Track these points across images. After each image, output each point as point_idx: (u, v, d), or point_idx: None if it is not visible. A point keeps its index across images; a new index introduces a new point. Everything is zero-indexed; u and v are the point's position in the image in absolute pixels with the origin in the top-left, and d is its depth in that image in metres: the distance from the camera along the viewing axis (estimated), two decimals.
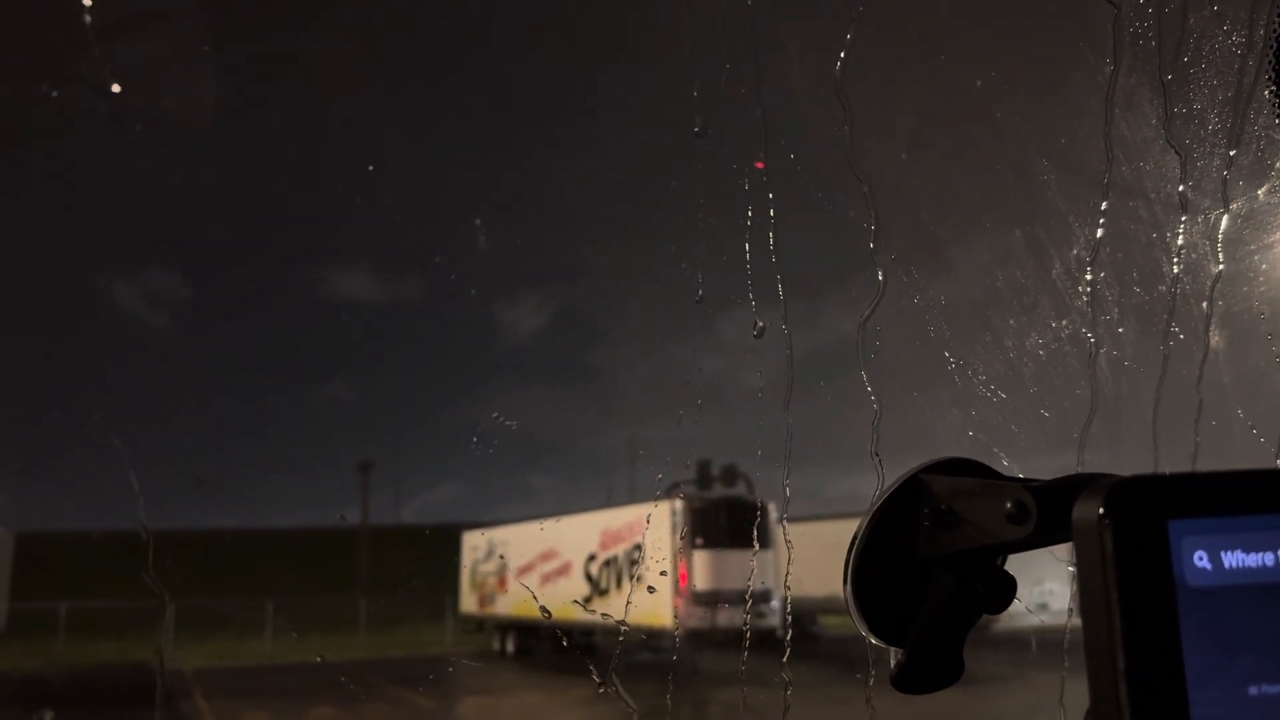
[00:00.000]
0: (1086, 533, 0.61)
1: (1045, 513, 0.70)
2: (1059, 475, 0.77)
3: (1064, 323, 2.09)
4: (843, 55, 1.78)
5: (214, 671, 20.93)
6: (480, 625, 26.61)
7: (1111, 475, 0.73)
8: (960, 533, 0.78)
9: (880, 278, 2.01)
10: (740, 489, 26.36)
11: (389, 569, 33.12)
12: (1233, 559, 0.62)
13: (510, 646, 24.58)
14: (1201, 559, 0.61)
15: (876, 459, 2.12)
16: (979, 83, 1.85)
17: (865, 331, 2.01)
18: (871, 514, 0.82)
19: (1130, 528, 0.60)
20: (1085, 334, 2.15)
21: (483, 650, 25.62)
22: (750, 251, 2.10)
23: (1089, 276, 2.09)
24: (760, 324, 2.06)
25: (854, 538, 0.83)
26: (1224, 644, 0.60)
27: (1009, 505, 0.73)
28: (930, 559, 0.81)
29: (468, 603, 27.24)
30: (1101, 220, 2.07)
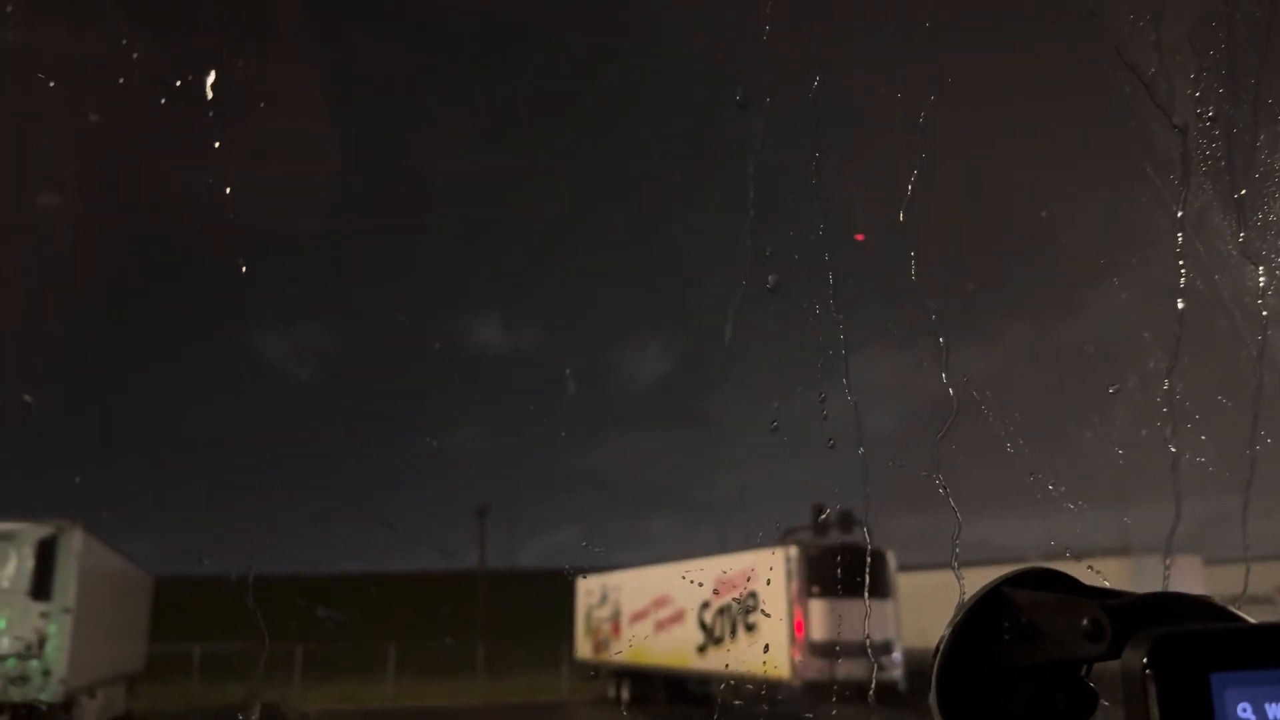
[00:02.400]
0: (1132, 682, 0.64)
1: (1121, 632, 0.70)
2: (1144, 592, 0.80)
3: (1143, 432, 2.12)
4: (909, 193, 1.89)
5: (338, 715, 21.48)
6: (595, 671, 26.64)
7: (1193, 597, 0.78)
8: (1040, 646, 0.80)
9: (952, 394, 2.09)
10: (857, 536, 25.81)
11: (506, 614, 33.57)
12: (1278, 711, 0.62)
13: (625, 694, 24.51)
14: (1245, 710, 0.62)
15: (956, 569, 2.18)
16: (1044, 214, 1.91)
17: (940, 447, 2.09)
18: (955, 624, 0.86)
19: (1173, 681, 0.62)
20: (1167, 443, 2.17)
21: (598, 697, 25.66)
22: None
23: (1166, 386, 2.12)
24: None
25: (938, 646, 0.86)
26: None
27: (1085, 623, 0.74)
28: (1013, 668, 0.82)
29: (583, 648, 27.33)
30: (1178, 332, 2.10)
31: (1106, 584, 0.88)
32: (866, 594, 19.14)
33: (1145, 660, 0.63)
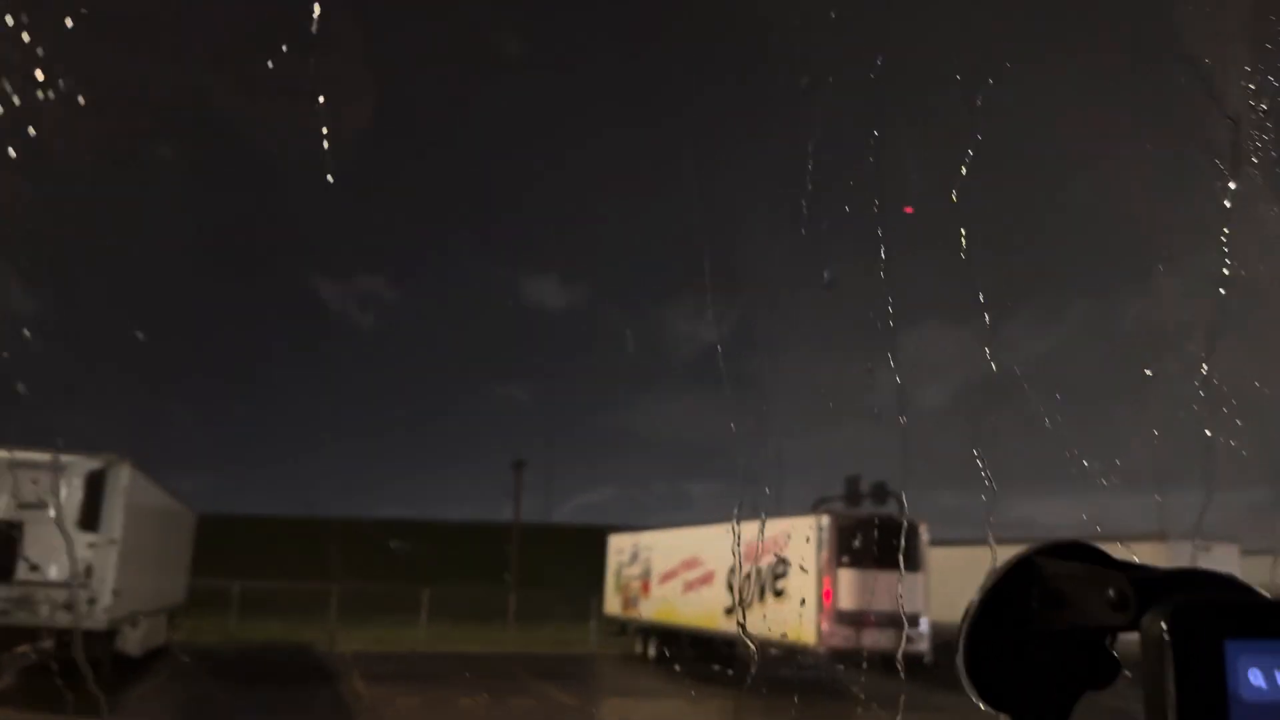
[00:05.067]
0: (1151, 646, 0.68)
1: (1145, 604, 0.73)
2: (1172, 566, 0.83)
3: (1179, 414, 2.17)
4: (961, 175, 1.94)
5: (372, 656, 21.99)
6: (623, 628, 26.98)
7: (1217, 574, 0.83)
8: (1067, 614, 0.83)
9: (994, 369, 2.15)
10: (891, 508, 25.80)
11: (539, 566, 34.05)
12: None
13: (651, 651, 24.85)
14: (1256, 677, 0.66)
15: (990, 541, 2.25)
16: (1095, 197, 1.93)
17: (982, 421, 2.16)
18: (985, 589, 0.88)
19: (1189, 647, 0.66)
20: (1203, 428, 2.21)
21: (625, 653, 26.01)
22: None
23: (1205, 370, 2.16)
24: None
25: (967, 610, 0.90)
26: None
27: (1111, 593, 0.77)
28: (1039, 634, 0.86)
29: (612, 604, 27.65)
30: (1220, 318, 2.14)
31: (1136, 560, 0.91)
32: (898, 566, 19.15)
33: (1164, 626, 0.67)
